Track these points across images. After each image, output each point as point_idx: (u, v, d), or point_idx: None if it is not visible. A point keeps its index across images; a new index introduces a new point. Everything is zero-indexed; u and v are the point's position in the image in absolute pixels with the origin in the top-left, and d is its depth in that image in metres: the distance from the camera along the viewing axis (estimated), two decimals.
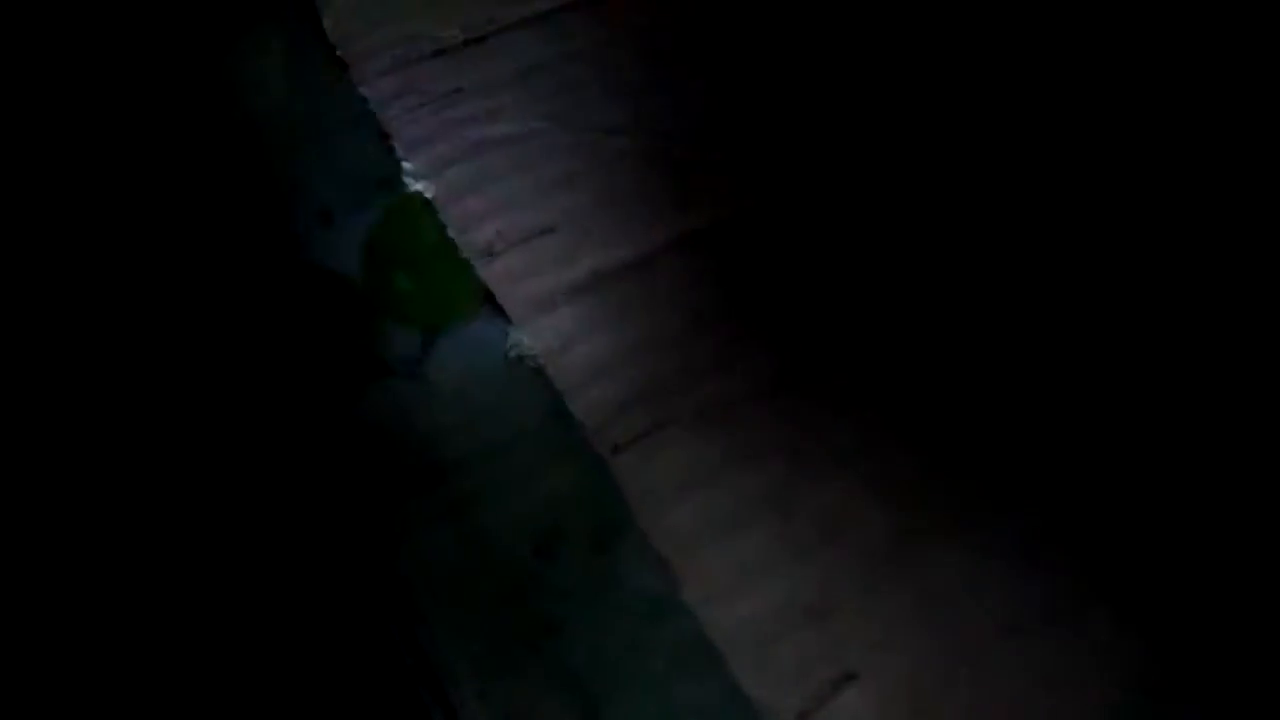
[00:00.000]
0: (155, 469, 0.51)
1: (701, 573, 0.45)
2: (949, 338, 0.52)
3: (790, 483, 0.47)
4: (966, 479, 0.47)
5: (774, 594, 0.44)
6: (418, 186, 0.60)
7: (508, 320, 0.54)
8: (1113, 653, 0.43)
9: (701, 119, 0.62)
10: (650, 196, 0.57)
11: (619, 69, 0.65)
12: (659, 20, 0.68)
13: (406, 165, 0.61)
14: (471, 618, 0.46)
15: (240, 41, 0.74)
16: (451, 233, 0.58)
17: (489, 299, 0.55)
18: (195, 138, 0.66)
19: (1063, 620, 0.44)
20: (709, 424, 0.49)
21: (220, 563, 0.48)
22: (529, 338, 0.53)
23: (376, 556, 0.47)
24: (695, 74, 0.64)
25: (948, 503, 0.47)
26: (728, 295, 0.54)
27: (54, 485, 0.50)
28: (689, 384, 0.50)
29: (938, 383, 0.51)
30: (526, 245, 0.56)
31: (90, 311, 0.56)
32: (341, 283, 0.58)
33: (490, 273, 0.55)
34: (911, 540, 0.46)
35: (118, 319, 0.56)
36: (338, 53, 0.68)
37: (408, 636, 0.45)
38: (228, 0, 0.75)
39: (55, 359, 0.54)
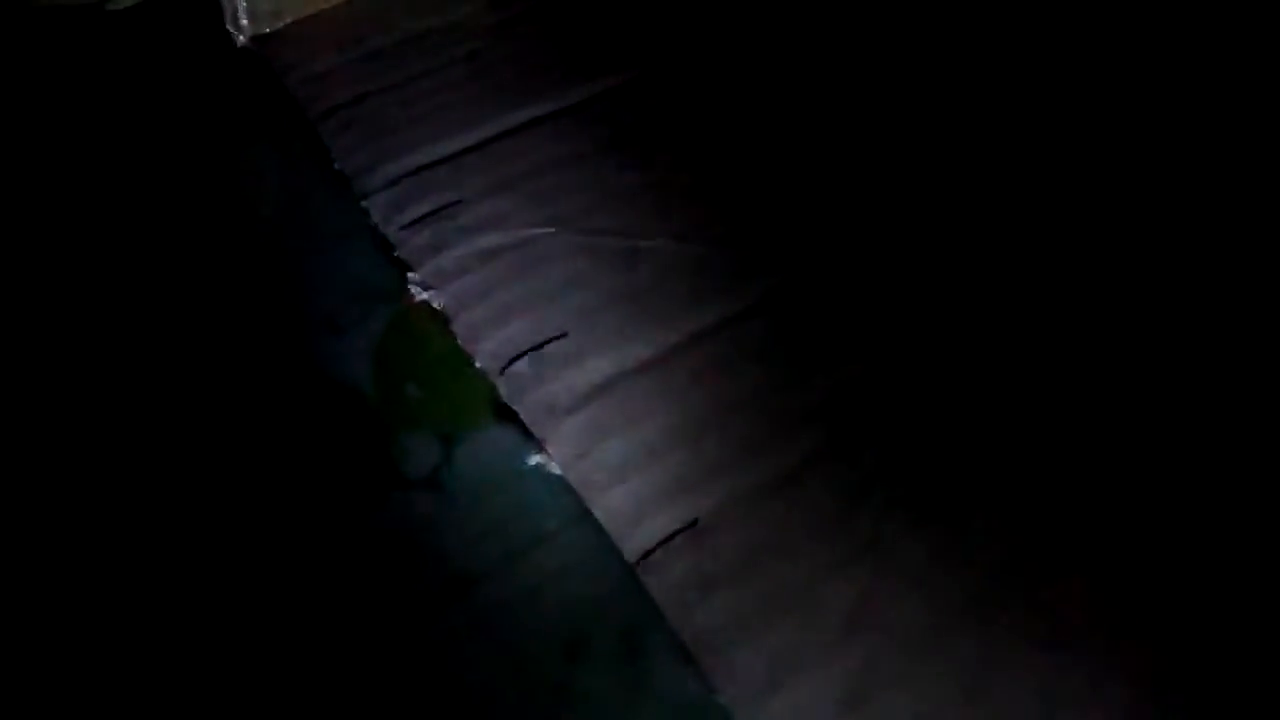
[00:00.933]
0: (179, 590, 0.51)
1: (734, 671, 0.46)
2: (966, 419, 0.53)
3: (814, 575, 0.48)
4: (985, 564, 0.48)
5: (807, 688, 0.44)
6: (424, 296, 0.61)
7: (523, 427, 0.54)
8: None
9: (700, 218, 0.63)
10: (656, 296, 0.59)
11: (617, 171, 0.66)
12: (652, 124, 0.70)
13: (412, 275, 0.62)
14: None
15: (240, 158, 0.75)
16: (461, 341, 0.59)
17: (503, 407, 0.55)
18: (199, 255, 0.67)
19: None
20: (731, 520, 0.50)
21: (248, 677, 0.48)
22: (546, 443, 0.53)
23: (406, 669, 0.47)
24: (690, 174, 0.66)
25: (970, 587, 0.47)
26: (741, 390, 0.55)
27: (81, 599, 0.50)
28: (709, 481, 0.51)
29: (954, 468, 0.52)
30: (537, 351, 0.57)
31: (108, 435, 0.57)
32: (353, 394, 0.58)
33: (503, 380, 0.56)
34: (940, 626, 0.46)
35: (134, 439, 0.57)
36: (336, 166, 0.70)
37: None
38: (225, 119, 0.76)
39: (76, 482, 0.55)
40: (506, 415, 0.55)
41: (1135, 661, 0.45)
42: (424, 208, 0.65)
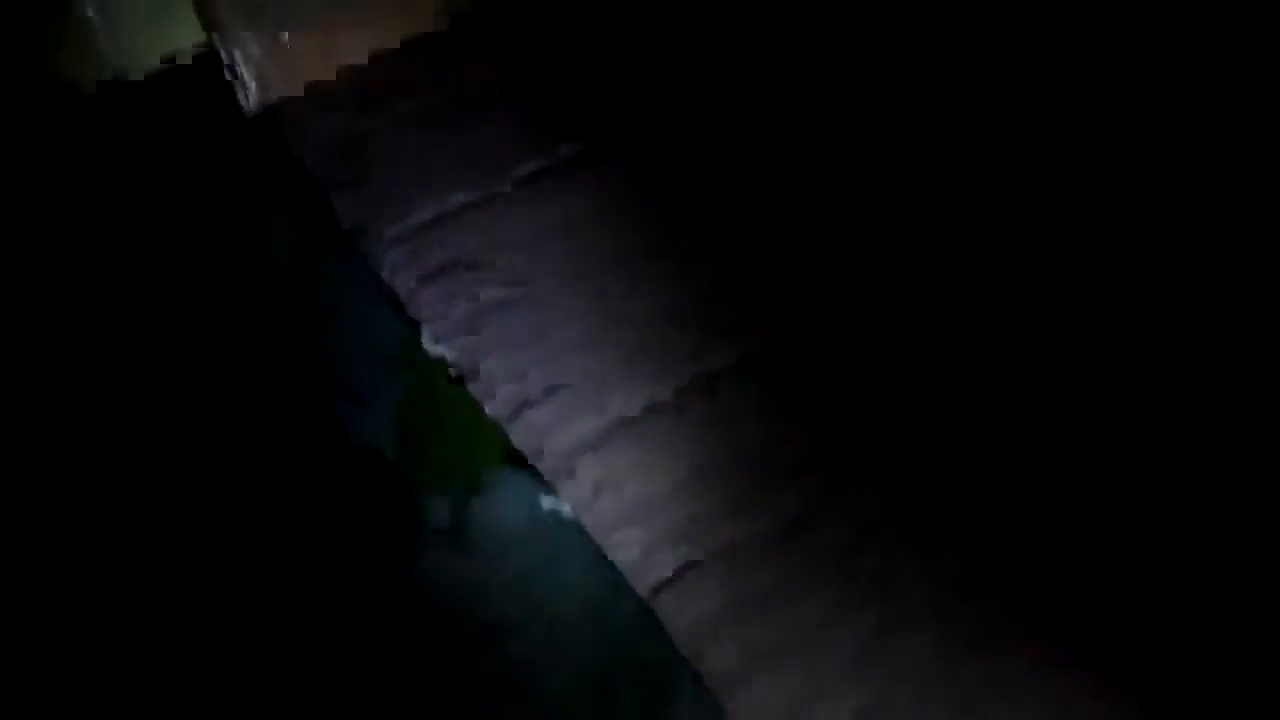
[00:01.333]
0: (212, 654, 0.52)
1: (753, 706, 0.47)
2: (968, 457, 0.55)
3: (826, 612, 0.49)
4: (993, 596, 0.50)
5: None
6: (438, 354, 0.63)
7: (539, 476, 0.56)
8: None
9: (699, 271, 0.65)
10: (665, 346, 0.60)
11: (618, 227, 0.69)
12: (651, 181, 0.72)
13: (425, 334, 0.64)
14: None
15: (251, 224, 0.77)
16: (474, 394, 0.60)
17: (518, 458, 0.57)
18: (214, 323, 0.69)
19: None
20: (743, 558, 0.51)
21: None
22: (561, 491, 0.55)
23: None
24: (690, 229, 0.68)
25: (979, 619, 0.49)
26: (745, 434, 0.56)
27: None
28: (719, 520, 0.53)
29: (959, 504, 0.53)
30: (549, 402, 0.58)
31: (137, 515, 0.58)
32: (376, 456, 0.60)
33: (517, 432, 0.58)
34: (950, 657, 0.47)
35: (163, 519, 0.58)
36: (345, 227, 0.72)
37: None
38: (236, 185, 0.79)
39: (107, 566, 0.56)
40: (520, 464, 0.57)
41: (1148, 686, 0.46)
42: (433, 265, 0.67)
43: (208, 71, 0.82)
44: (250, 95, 0.82)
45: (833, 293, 0.64)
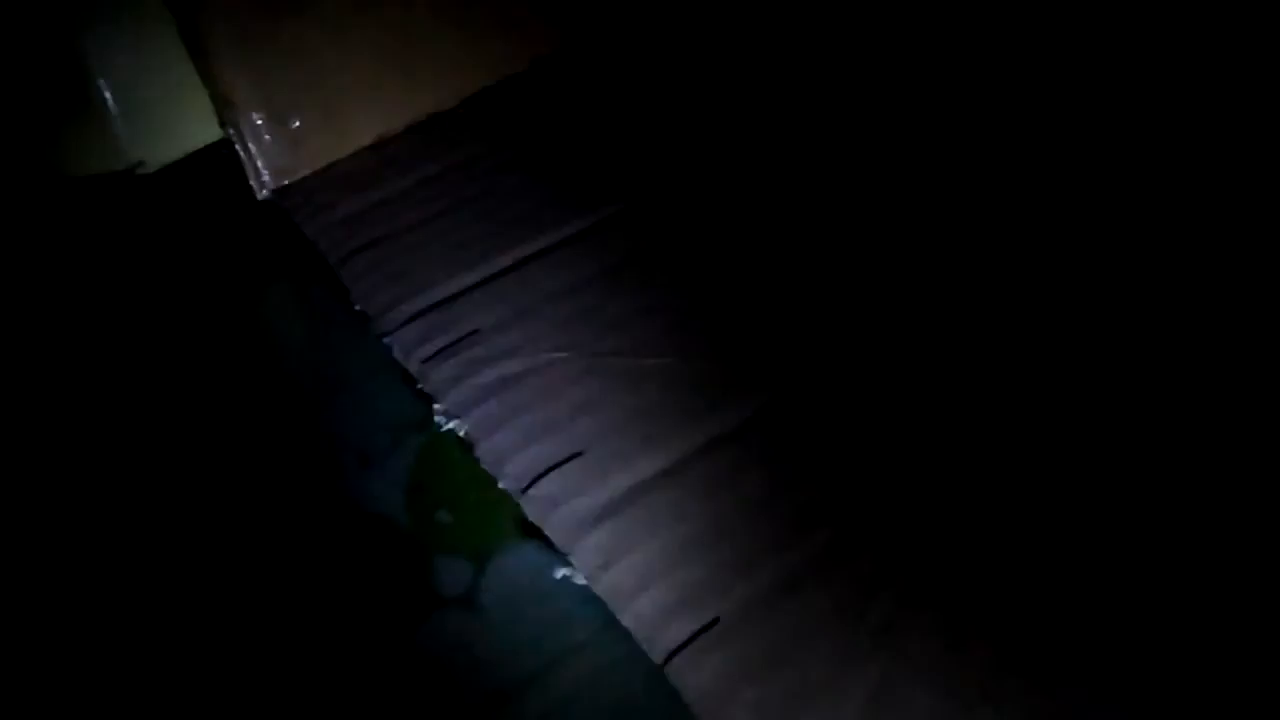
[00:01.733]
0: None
1: None
2: (967, 511, 0.57)
3: (833, 666, 0.51)
4: (995, 647, 0.51)
5: None
6: (449, 426, 0.65)
7: (550, 545, 0.58)
8: None
9: (698, 336, 0.68)
10: (663, 412, 0.63)
11: (618, 296, 0.71)
12: (648, 249, 0.75)
13: (436, 407, 0.66)
14: None
15: (265, 305, 0.80)
16: (485, 466, 0.62)
17: (529, 525, 0.59)
18: (232, 400, 0.71)
19: None
20: (751, 619, 0.53)
21: None
22: (573, 558, 0.57)
23: None
24: (686, 295, 0.71)
25: (981, 669, 0.50)
26: (749, 496, 0.58)
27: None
28: (727, 583, 0.54)
29: (959, 559, 0.55)
30: (559, 471, 0.60)
31: (155, 584, 0.60)
32: (387, 523, 0.62)
33: (527, 500, 0.60)
34: (954, 709, 0.49)
35: (179, 582, 0.60)
36: (357, 307, 0.75)
37: None
38: (250, 268, 0.82)
39: (131, 643, 0.58)
40: (533, 533, 0.59)
41: None
42: (443, 341, 0.70)
43: (222, 160, 0.85)
44: (263, 180, 0.86)
45: (832, 355, 0.66)
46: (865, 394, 0.63)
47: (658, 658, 0.52)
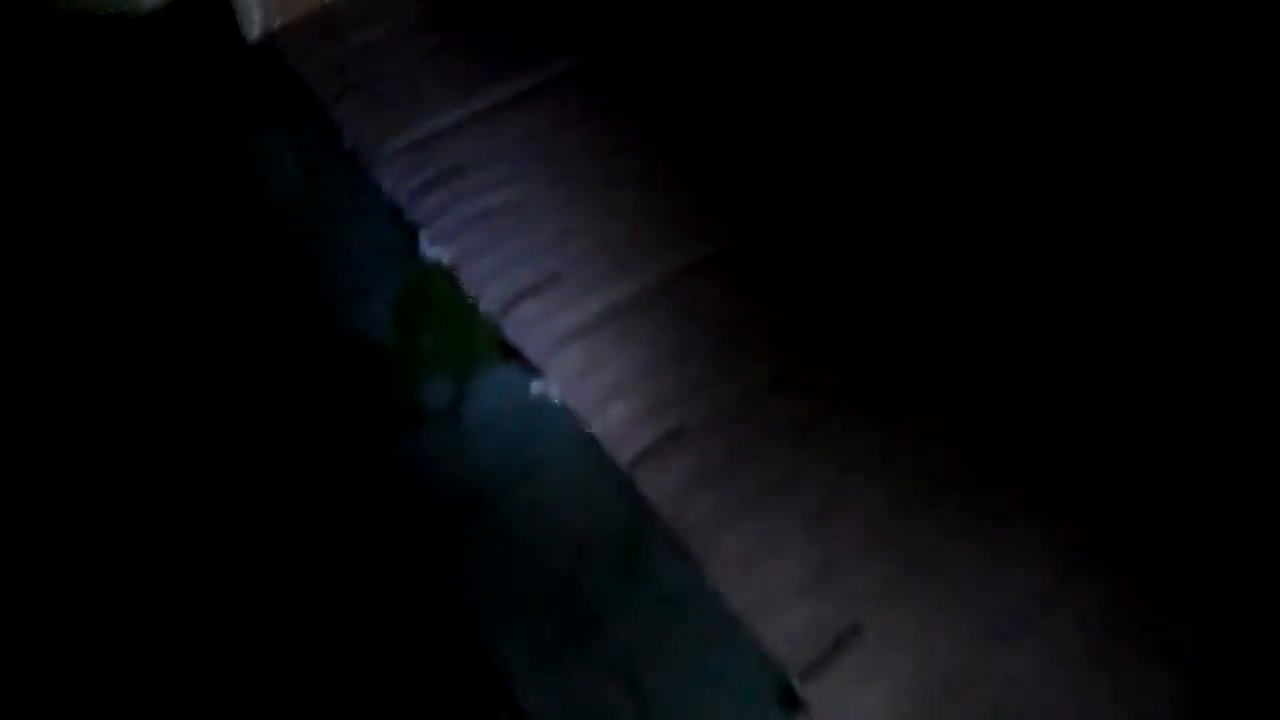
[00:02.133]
0: (211, 525, 0.57)
1: (721, 557, 0.51)
2: (937, 333, 0.59)
3: (789, 471, 0.54)
4: (941, 457, 0.54)
5: (786, 566, 0.50)
6: (434, 254, 0.67)
7: (528, 363, 0.60)
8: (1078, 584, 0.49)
9: (675, 169, 0.69)
10: (647, 238, 0.64)
11: (599, 134, 0.72)
12: (629, 91, 0.75)
13: (422, 237, 0.68)
14: (522, 623, 0.53)
15: (257, 145, 0.82)
16: (469, 291, 0.65)
17: (509, 348, 0.61)
18: (221, 232, 0.73)
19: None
20: (715, 427, 0.55)
21: (286, 592, 0.54)
22: (548, 376, 0.59)
23: (433, 575, 0.54)
24: (665, 132, 0.72)
25: (927, 476, 0.53)
26: (719, 318, 0.60)
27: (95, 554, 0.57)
28: (693, 396, 0.57)
29: (912, 375, 0.57)
30: (537, 295, 0.63)
31: (146, 407, 0.63)
32: (375, 347, 0.65)
33: (508, 323, 0.62)
34: (900, 510, 0.52)
35: (166, 398, 0.63)
36: (347, 145, 0.76)
37: (469, 641, 0.52)
38: (241, 111, 0.83)
39: (103, 450, 0.61)
40: (511, 353, 0.62)
41: (1074, 524, 0.51)
42: (429, 175, 0.71)
43: (213, 2, 0.86)
44: (252, 24, 0.86)
45: (804, 188, 0.67)
46: (832, 225, 0.65)
47: (624, 462, 0.55)
